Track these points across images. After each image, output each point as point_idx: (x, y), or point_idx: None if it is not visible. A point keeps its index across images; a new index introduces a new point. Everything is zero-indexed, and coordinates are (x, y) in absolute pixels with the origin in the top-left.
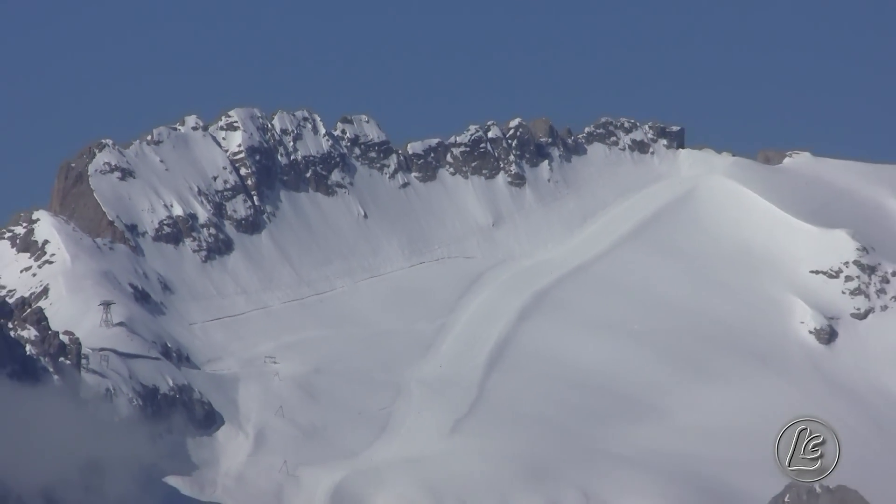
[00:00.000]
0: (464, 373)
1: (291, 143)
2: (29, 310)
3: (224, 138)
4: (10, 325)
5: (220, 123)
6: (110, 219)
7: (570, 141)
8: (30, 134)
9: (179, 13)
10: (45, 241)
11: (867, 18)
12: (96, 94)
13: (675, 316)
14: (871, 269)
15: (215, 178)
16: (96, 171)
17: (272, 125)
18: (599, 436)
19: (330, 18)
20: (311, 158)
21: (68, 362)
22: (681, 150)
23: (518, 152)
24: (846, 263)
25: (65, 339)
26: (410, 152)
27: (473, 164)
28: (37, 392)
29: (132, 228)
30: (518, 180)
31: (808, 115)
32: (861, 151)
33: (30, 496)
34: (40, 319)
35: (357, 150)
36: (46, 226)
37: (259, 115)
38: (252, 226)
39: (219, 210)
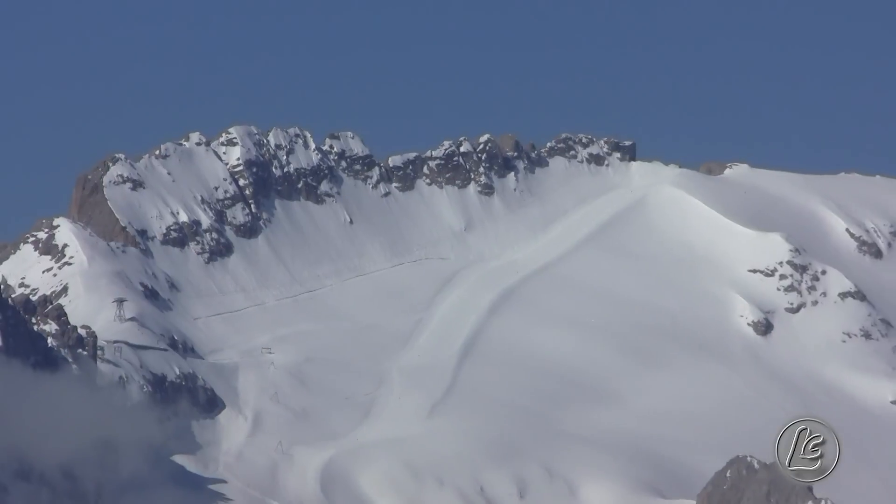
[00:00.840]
0: (439, 362)
1: (285, 157)
2: (50, 306)
3: (224, 153)
4: (33, 320)
5: (221, 139)
6: (123, 225)
7: (533, 154)
8: (50, 149)
9: (183, 40)
10: (65, 245)
11: (795, 44)
12: (109, 113)
13: (628, 310)
14: (802, 269)
15: (216, 189)
16: (110, 182)
17: (267, 141)
18: (561, 418)
19: (320, 45)
20: (303, 170)
21: (85, 353)
22: (632, 162)
23: (487, 165)
24: (780, 263)
25: (82, 332)
26: (391, 165)
27: (447, 176)
28: (57, 379)
29: (142, 233)
30: (487, 190)
31: (746, 130)
32: (793, 163)
33: (50, 472)
34: (60, 315)
35: (343, 163)
36: (66, 231)
37: (255, 131)
38: (250, 231)
39: (220, 217)
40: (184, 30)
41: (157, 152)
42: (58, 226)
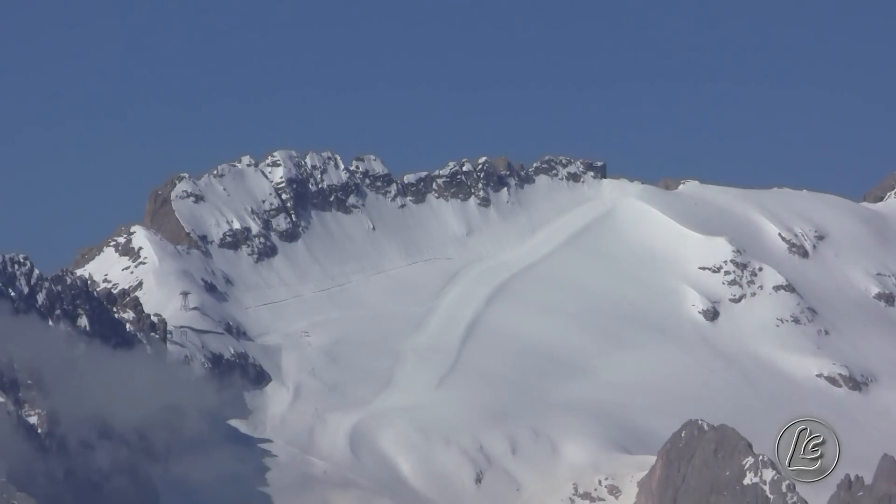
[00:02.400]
0: (445, 343)
1: (319, 176)
2: (128, 298)
3: (270, 172)
4: (114, 309)
5: (267, 161)
6: (187, 231)
7: (522, 173)
8: (128, 169)
9: (236, 77)
10: (140, 248)
11: (734, 77)
12: (176, 138)
13: (599, 301)
14: (743, 266)
15: (263, 202)
16: (177, 196)
17: (305, 162)
18: (544, 389)
19: (348, 84)
20: (334, 187)
21: (157, 336)
22: (603, 179)
23: (484, 182)
24: (725, 262)
25: (154, 319)
26: (406, 182)
27: (452, 191)
28: (133, 358)
29: (203, 238)
30: (485, 202)
31: (696, 152)
32: (735, 179)
33: (127, 432)
34: (136, 305)
35: (367, 181)
36: (140, 237)
37: (295, 154)
38: (290, 236)
39: (266, 225)
40: (235, 68)
41: (215, 172)
42: (134, 232)
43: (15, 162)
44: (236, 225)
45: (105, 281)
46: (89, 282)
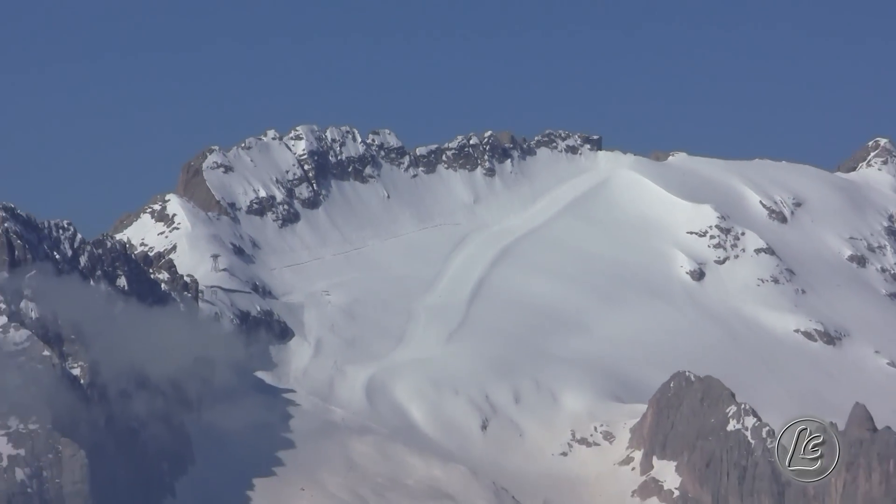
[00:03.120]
0: (454, 302)
1: (338, 148)
2: (163, 260)
3: (293, 145)
4: (150, 270)
5: (290, 135)
6: (217, 199)
7: (524, 146)
8: (164, 143)
9: (265, 57)
10: (174, 214)
11: (722, 54)
12: (207, 113)
13: (595, 263)
14: (727, 231)
15: (287, 172)
16: (208, 167)
17: (325, 136)
18: (545, 344)
19: (367, 64)
20: (352, 158)
21: (189, 295)
22: (599, 152)
23: (490, 154)
24: (710, 227)
25: (187, 279)
26: (418, 154)
27: (461, 162)
28: (168, 314)
29: (232, 206)
30: (490, 172)
31: (685, 124)
32: (720, 151)
33: (162, 383)
34: (171, 267)
35: (382, 153)
36: (175, 204)
37: (316, 129)
38: (312, 203)
39: (289, 193)
40: (262, 49)
41: (243, 145)
42: (168, 200)
43: (60, 137)
44: (262, 193)
45: (142, 245)
46: (127, 245)
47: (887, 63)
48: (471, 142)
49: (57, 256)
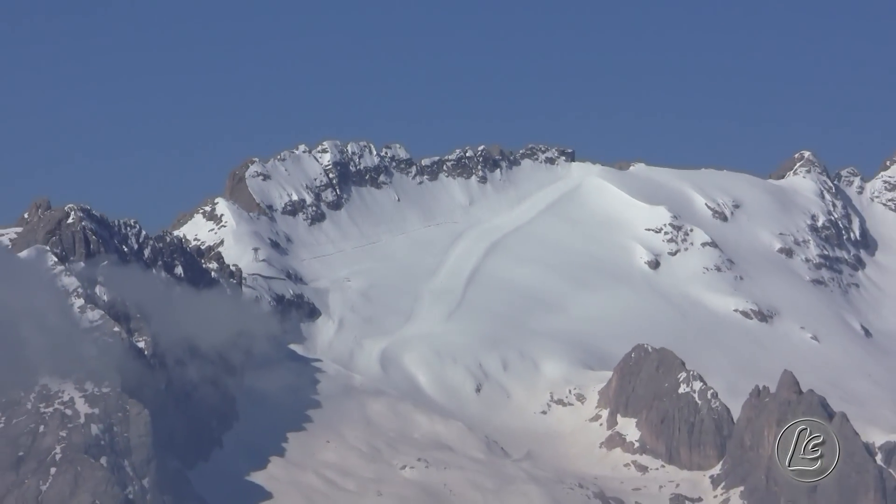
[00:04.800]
0: (453, 287)
1: (357, 160)
2: (213, 252)
3: (320, 157)
4: (202, 261)
5: (318, 148)
6: (257, 202)
7: (511, 157)
8: (214, 155)
9: (298, 77)
10: (222, 215)
11: (673, 74)
12: (249, 131)
13: (570, 254)
14: (678, 228)
15: (315, 179)
16: (249, 175)
17: (346, 149)
18: (528, 321)
19: (382, 90)
20: (368, 168)
21: (234, 281)
22: (573, 162)
23: (483, 164)
24: (665, 225)
25: (233, 268)
26: (423, 164)
27: (458, 171)
28: (216, 297)
29: (269, 207)
30: (483, 179)
31: (643, 139)
32: (672, 161)
33: (211, 353)
34: (219, 258)
35: (393, 163)
36: (222, 206)
37: (339, 143)
38: (336, 206)
39: (317, 197)
40: (297, 76)
41: (279, 157)
42: (217, 203)
43: (129, 149)
44: (294, 197)
45: (195, 239)
46: (183, 240)
47: (811, 87)
48: (467, 154)
49: (125, 249)
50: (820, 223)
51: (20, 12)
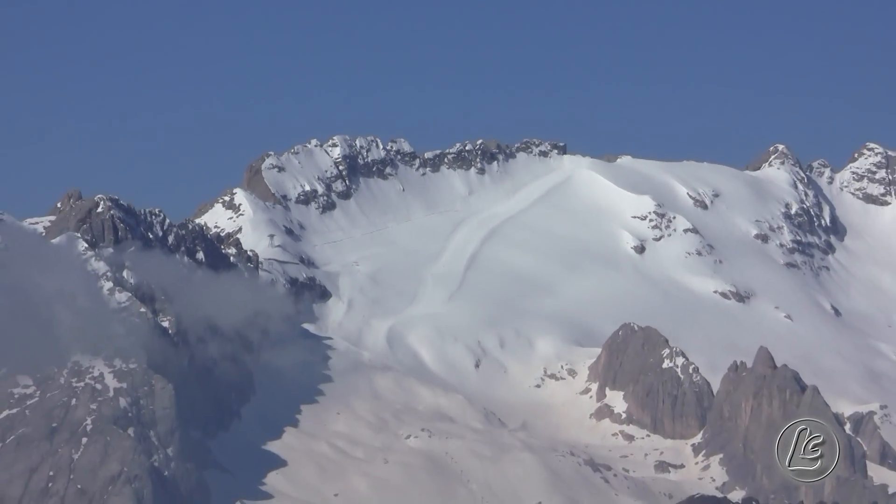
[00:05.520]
0: (454, 270)
1: (365, 153)
2: (231, 239)
3: (330, 150)
4: (222, 247)
5: (328, 143)
6: (273, 192)
7: (507, 151)
8: (233, 149)
9: (308, 81)
10: (240, 204)
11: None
12: (264, 127)
13: (561, 240)
14: (661, 216)
15: (326, 171)
16: (265, 167)
17: (355, 143)
18: (523, 302)
19: (388, 87)
20: (375, 160)
21: (251, 265)
22: (564, 155)
23: (481, 157)
24: (649, 212)
25: (250, 253)
26: (426, 157)
27: (458, 163)
28: (235, 279)
29: (284, 197)
30: (481, 171)
31: (630, 134)
32: (657, 154)
33: (230, 331)
34: (238, 244)
35: (398, 156)
36: (240, 196)
37: (348, 138)
38: (345, 195)
39: (328, 187)
40: (308, 76)
41: (292, 150)
42: (236, 193)
43: (155, 143)
44: (307, 188)
45: (215, 227)
46: (204, 227)
47: (785, 85)
48: (466, 148)
49: (150, 236)
50: (793, 211)
51: (59, 7)
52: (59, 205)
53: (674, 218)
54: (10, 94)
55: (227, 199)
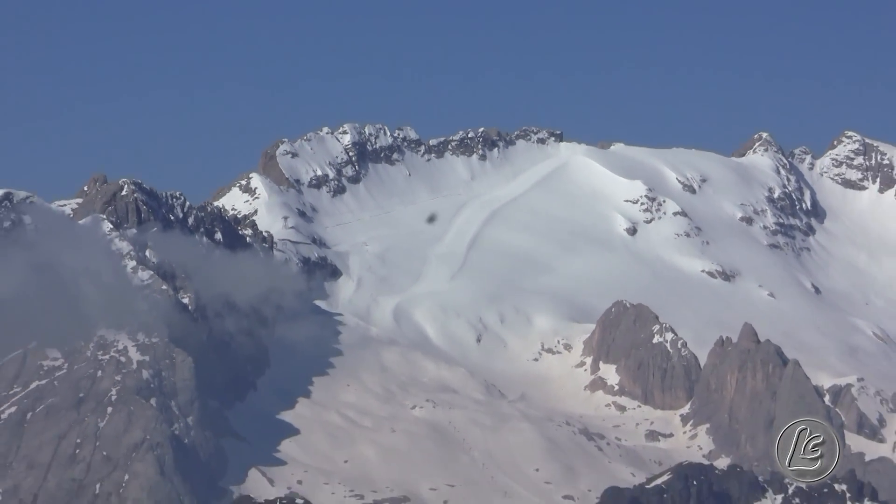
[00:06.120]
0: (457, 250)
1: (373, 140)
2: (248, 220)
3: (341, 138)
4: (238, 228)
5: (339, 130)
6: (287, 177)
7: (507, 138)
8: (250, 134)
9: (321, 76)
10: (256, 188)
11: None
12: (279, 114)
13: (558, 222)
14: (652, 199)
15: (337, 157)
16: (280, 153)
17: (364, 131)
18: (522, 280)
19: (395, 77)
20: (383, 147)
21: (266, 245)
22: (561, 142)
23: (482, 144)
24: (641, 196)
25: (265, 234)
26: (431, 144)
27: (461, 150)
28: (250, 258)
29: (297, 181)
30: (483, 157)
31: (623, 121)
32: (648, 141)
33: (247, 307)
34: (254, 225)
35: (405, 143)
36: (256, 180)
37: (358, 126)
38: (355, 180)
39: (339, 172)
40: (321, 68)
41: (305, 137)
42: (252, 177)
43: (176, 132)
44: (319, 172)
45: (232, 209)
46: (222, 209)
47: (769, 75)
48: (469, 135)
49: (171, 218)
50: (776, 195)
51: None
52: (85, 188)
53: (664, 202)
54: (38, 81)
55: (243, 183)
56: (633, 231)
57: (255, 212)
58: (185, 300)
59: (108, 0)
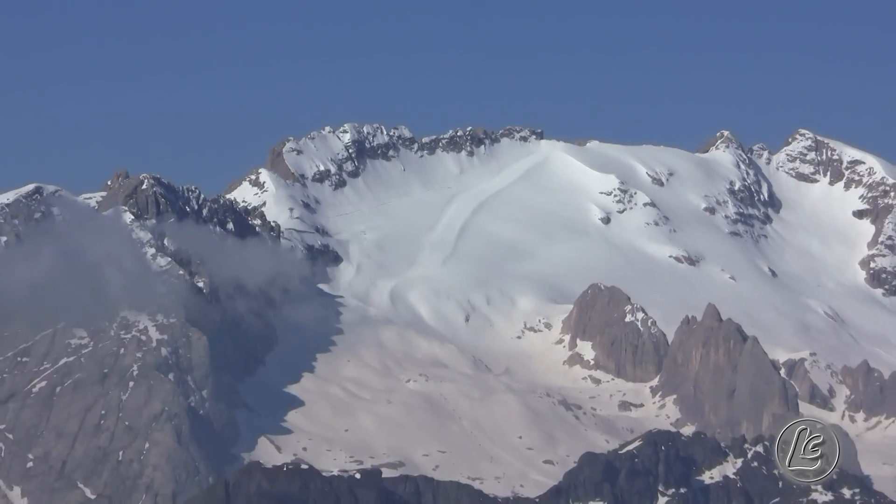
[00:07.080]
0: (448, 237)
1: (372, 138)
2: (257, 212)
3: (341, 136)
4: (249, 218)
5: (340, 129)
6: (293, 171)
7: (493, 136)
8: (260, 133)
9: (323, 73)
10: (264, 182)
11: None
12: (285, 115)
13: (539, 212)
14: (625, 192)
15: (338, 154)
16: (286, 150)
17: (363, 130)
18: (506, 265)
19: (391, 80)
20: (380, 144)
21: (274, 234)
22: (542, 140)
23: (470, 141)
24: (614, 189)
25: (273, 224)
26: (423, 141)
27: (451, 146)
28: (259, 246)
29: (302, 176)
30: (471, 154)
31: (597, 121)
32: (620, 138)
33: (256, 290)
34: (262, 216)
35: (400, 141)
36: (265, 175)
37: (357, 125)
38: (354, 175)
39: (339, 168)
40: (323, 73)
41: (309, 135)
42: (260, 172)
43: (191, 129)
44: (322, 168)
45: (243, 201)
46: (233, 202)
47: (730, 78)
48: (458, 134)
49: (187, 209)
50: (736, 187)
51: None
52: (109, 182)
53: (635, 193)
54: (66, 87)
55: (253, 177)
56: (607, 220)
57: (264, 204)
58: (200, 284)
59: (122, 9)
